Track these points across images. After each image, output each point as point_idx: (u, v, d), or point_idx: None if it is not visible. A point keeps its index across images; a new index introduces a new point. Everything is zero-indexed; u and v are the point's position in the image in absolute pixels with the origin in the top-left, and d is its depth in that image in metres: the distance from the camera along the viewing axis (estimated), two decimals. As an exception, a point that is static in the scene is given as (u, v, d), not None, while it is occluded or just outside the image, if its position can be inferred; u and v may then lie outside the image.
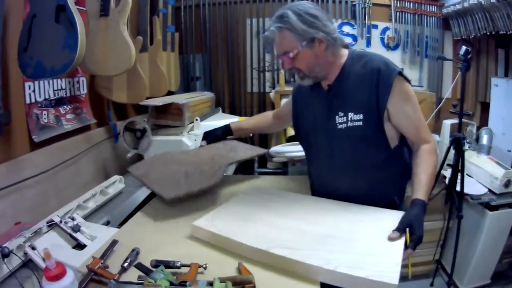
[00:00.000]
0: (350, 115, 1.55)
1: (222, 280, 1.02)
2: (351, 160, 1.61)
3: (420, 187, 1.44)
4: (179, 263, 1.13)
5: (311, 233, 1.29)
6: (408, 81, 1.55)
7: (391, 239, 1.22)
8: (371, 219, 1.39)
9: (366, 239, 1.24)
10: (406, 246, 1.22)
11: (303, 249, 1.18)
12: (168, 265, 1.12)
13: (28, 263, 1.46)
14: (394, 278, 1.02)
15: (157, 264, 1.11)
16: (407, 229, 1.26)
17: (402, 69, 1.55)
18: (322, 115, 1.65)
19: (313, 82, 1.62)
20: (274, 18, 1.50)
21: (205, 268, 1.13)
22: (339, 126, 1.58)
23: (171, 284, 1.01)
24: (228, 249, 1.27)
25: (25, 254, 1.46)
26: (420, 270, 3.21)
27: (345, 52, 1.62)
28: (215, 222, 1.38)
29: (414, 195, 1.43)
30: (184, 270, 1.11)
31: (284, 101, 3.01)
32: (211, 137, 2.09)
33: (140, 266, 1.13)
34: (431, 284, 3.12)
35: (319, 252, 1.16)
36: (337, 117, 1.58)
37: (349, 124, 1.55)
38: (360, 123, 1.53)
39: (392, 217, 1.35)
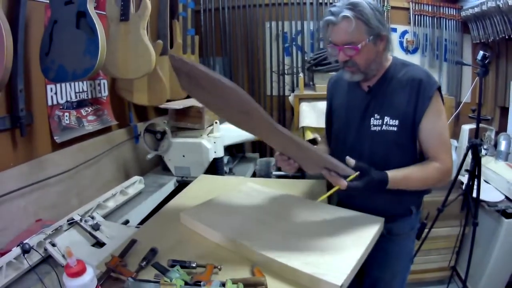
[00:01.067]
0: (386, 119, 1.55)
1: (235, 282, 1.04)
2: (379, 162, 1.55)
3: (398, 171, 1.44)
4: (195, 263, 1.15)
5: (282, 230, 1.34)
6: (442, 98, 1.55)
7: (347, 161, 1.31)
8: (348, 222, 1.40)
9: (332, 239, 1.27)
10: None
11: (266, 242, 1.24)
12: (184, 265, 1.14)
13: (48, 259, 1.51)
14: (339, 279, 1.03)
15: (173, 264, 1.13)
16: (357, 173, 1.30)
17: (440, 84, 1.56)
18: (357, 114, 1.64)
19: (362, 79, 1.58)
20: (346, 5, 1.42)
21: (219, 269, 1.14)
22: (373, 128, 1.58)
23: (186, 283, 1.03)
24: (207, 237, 1.37)
25: (45, 250, 1.51)
26: (435, 276, 3.19)
27: (390, 58, 1.61)
28: (200, 213, 1.47)
29: (387, 171, 1.43)
30: (200, 270, 1.13)
31: (306, 109, 3.06)
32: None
33: (157, 265, 1.15)
34: (446, 291, 3.11)
35: (280, 245, 1.22)
36: (372, 118, 1.58)
37: (384, 127, 1.55)
38: (395, 128, 1.53)
39: (370, 223, 1.39)
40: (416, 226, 1.78)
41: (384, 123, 1.55)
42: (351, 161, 1.31)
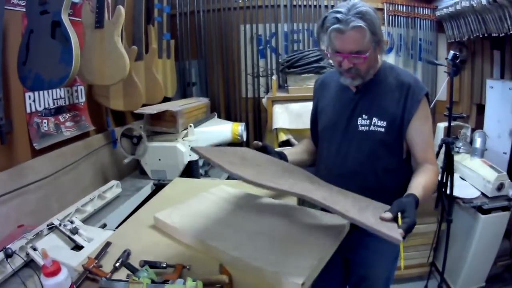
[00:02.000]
0: (374, 120, 1.62)
1: (195, 280, 1.12)
2: (366, 161, 1.66)
3: (416, 187, 1.43)
4: (165, 263, 1.23)
5: (250, 230, 1.41)
6: (429, 102, 1.65)
7: (382, 218, 1.22)
8: (314, 222, 1.46)
9: (297, 239, 1.34)
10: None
11: (233, 242, 1.31)
12: (154, 265, 1.23)
13: (30, 263, 1.62)
14: (300, 278, 1.09)
15: (145, 264, 1.23)
16: (399, 213, 1.24)
17: (428, 90, 1.65)
18: (345, 114, 1.70)
19: (360, 83, 1.63)
20: (356, 14, 1.43)
21: (188, 269, 1.22)
22: (360, 128, 1.64)
23: (153, 282, 1.13)
24: (179, 239, 1.44)
25: (27, 255, 1.62)
26: (414, 272, 3.32)
27: (379, 60, 1.68)
28: (172, 215, 1.53)
29: (409, 191, 1.40)
30: (170, 270, 1.21)
31: (279, 110, 3.17)
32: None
33: (129, 266, 1.25)
34: (425, 286, 3.21)
35: (246, 246, 1.29)
36: (360, 119, 1.65)
37: (372, 128, 1.62)
38: (383, 129, 1.60)
39: (336, 222, 1.43)
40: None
41: (372, 123, 1.62)
42: (387, 215, 1.23)
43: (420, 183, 1.46)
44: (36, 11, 1.90)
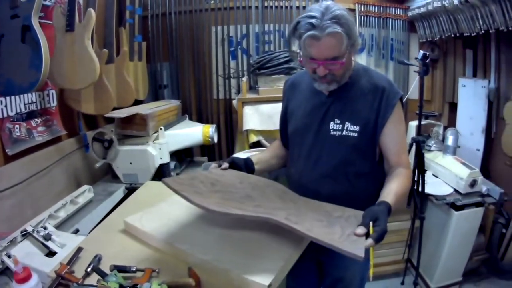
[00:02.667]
0: (347, 124, 1.62)
1: (160, 283, 1.19)
2: (336, 166, 1.66)
3: (388, 193, 1.45)
4: (135, 267, 1.29)
5: (218, 233, 1.46)
6: (403, 105, 1.68)
7: (356, 234, 1.24)
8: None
9: (263, 241, 1.39)
10: (367, 237, 1.24)
11: (202, 245, 1.37)
12: (124, 269, 1.28)
13: (5, 271, 1.66)
14: (267, 279, 1.15)
15: (114, 268, 1.28)
16: (371, 222, 1.26)
17: (402, 93, 1.67)
18: (317, 118, 1.70)
19: (336, 88, 1.62)
20: (331, 18, 1.40)
21: (158, 273, 1.29)
22: (332, 133, 1.65)
23: (121, 286, 1.19)
24: (149, 242, 1.49)
25: (2, 262, 1.65)
26: (390, 269, 3.43)
27: (353, 63, 1.66)
28: (141, 219, 1.58)
29: (381, 199, 1.43)
30: (140, 274, 1.27)
31: (249, 112, 3.21)
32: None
33: (99, 271, 1.30)
34: (402, 283, 3.33)
35: (214, 248, 1.35)
36: (332, 123, 1.65)
37: (344, 133, 1.63)
38: (355, 134, 1.61)
39: None
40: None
41: (345, 128, 1.63)
42: (360, 230, 1.25)
43: (392, 189, 1.48)
44: (6, 15, 1.92)
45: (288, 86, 1.95)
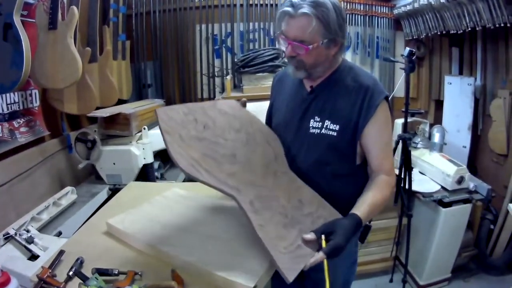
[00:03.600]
0: (327, 123, 1.56)
1: (141, 287, 1.19)
2: (314, 165, 1.61)
3: (362, 204, 1.43)
4: (117, 270, 1.26)
5: (202, 234, 1.44)
6: (390, 107, 1.59)
7: (304, 240, 1.26)
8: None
9: (248, 242, 1.35)
10: (319, 250, 1.24)
11: (185, 247, 1.36)
12: (106, 272, 1.27)
13: None
14: (252, 281, 1.14)
15: (96, 272, 1.26)
16: (323, 236, 1.26)
17: (388, 94, 1.60)
18: (297, 114, 1.65)
19: (305, 77, 1.59)
20: (310, 1, 1.40)
21: (140, 275, 1.26)
22: (311, 130, 1.59)
23: None
24: (132, 244, 1.47)
25: None
26: (378, 267, 3.44)
27: (339, 60, 1.62)
28: (124, 221, 1.56)
29: (353, 210, 1.40)
30: (122, 277, 1.25)
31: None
32: None
33: (80, 275, 1.28)
34: (390, 280, 3.33)
35: (198, 250, 1.33)
36: (312, 120, 1.60)
37: (323, 131, 1.56)
38: (335, 133, 1.54)
39: None
40: (359, 230, 1.80)
41: (324, 126, 1.57)
42: (310, 236, 1.27)
43: (367, 200, 1.45)
44: (-12, 13, 1.89)
45: (276, 81, 1.93)
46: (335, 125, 1.55)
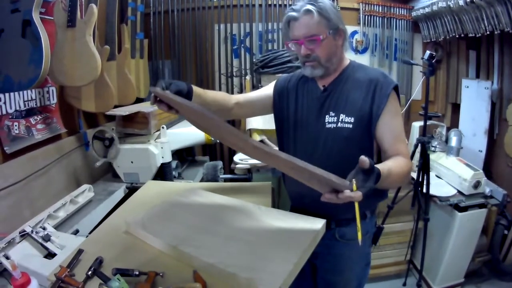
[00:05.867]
0: (342, 116, 1.60)
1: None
2: (333, 159, 1.61)
3: (382, 166, 1.33)
4: (138, 271, 1.23)
5: (223, 235, 1.40)
6: (399, 96, 1.64)
7: (362, 161, 1.21)
8: (288, 226, 1.45)
9: (271, 244, 1.32)
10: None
11: (207, 248, 1.31)
12: (127, 273, 1.22)
13: (3, 272, 1.59)
14: (275, 284, 1.10)
15: (117, 272, 1.21)
16: (354, 180, 1.20)
17: (398, 83, 1.64)
18: (311, 112, 1.70)
19: (322, 73, 1.63)
20: (307, 1, 1.53)
21: (162, 276, 1.21)
22: (328, 126, 1.63)
23: None
24: (151, 244, 1.43)
25: (0, 264, 1.57)
26: (392, 271, 3.40)
27: (347, 59, 1.72)
28: (143, 220, 1.52)
29: None
30: (143, 278, 1.21)
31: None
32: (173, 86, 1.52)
33: (100, 275, 1.23)
34: (404, 284, 3.30)
35: (220, 251, 1.29)
36: (327, 116, 1.64)
37: (339, 125, 1.60)
38: (350, 125, 1.58)
39: (310, 225, 1.43)
40: (372, 231, 1.84)
41: (340, 120, 1.60)
42: (365, 160, 1.21)
43: (387, 164, 1.41)
44: (7, 9, 1.88)
45: (281, 83, 1.93)
46: (350, 118, 1.60)
